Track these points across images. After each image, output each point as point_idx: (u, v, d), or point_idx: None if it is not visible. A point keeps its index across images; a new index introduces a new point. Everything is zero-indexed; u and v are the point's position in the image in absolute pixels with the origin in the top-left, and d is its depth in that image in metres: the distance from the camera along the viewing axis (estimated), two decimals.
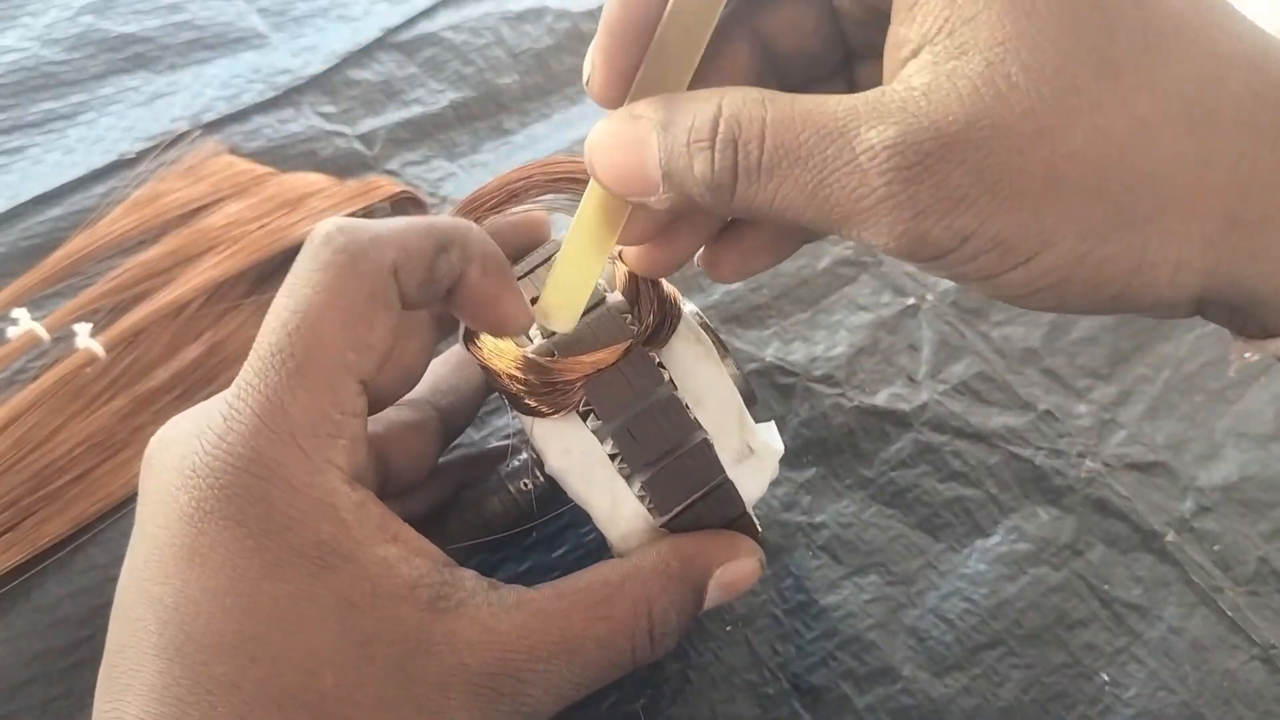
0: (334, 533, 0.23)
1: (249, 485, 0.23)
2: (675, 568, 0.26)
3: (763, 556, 0.28)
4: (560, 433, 0.28)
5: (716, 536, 0.27)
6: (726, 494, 0.27)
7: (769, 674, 0.33)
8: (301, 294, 0.24)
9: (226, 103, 0.48)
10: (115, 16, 0.51)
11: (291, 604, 0.22)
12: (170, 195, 0.42)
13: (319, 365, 0.23)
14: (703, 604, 0.27)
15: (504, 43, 0.52)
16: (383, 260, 0.24)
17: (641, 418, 0.27)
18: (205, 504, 0.23)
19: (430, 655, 0.23)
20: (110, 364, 0.37)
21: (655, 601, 0.26)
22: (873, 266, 0.45)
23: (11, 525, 0.34)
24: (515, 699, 0.24)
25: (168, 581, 0.23)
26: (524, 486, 0.30)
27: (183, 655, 0.22)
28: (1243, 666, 0.34)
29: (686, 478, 0.27)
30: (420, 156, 0.47)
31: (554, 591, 0.25)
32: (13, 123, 0.46)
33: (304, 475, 0.23)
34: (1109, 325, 0.44)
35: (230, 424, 0.23)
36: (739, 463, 0.28)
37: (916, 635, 0.34)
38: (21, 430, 0.35)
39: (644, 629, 0.25)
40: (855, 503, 0.37)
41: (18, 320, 0.38)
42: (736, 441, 0.28)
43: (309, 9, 0.53)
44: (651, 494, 0.27)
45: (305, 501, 0.23)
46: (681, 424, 0.27)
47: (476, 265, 0.26)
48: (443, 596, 0.24)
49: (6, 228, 0.42)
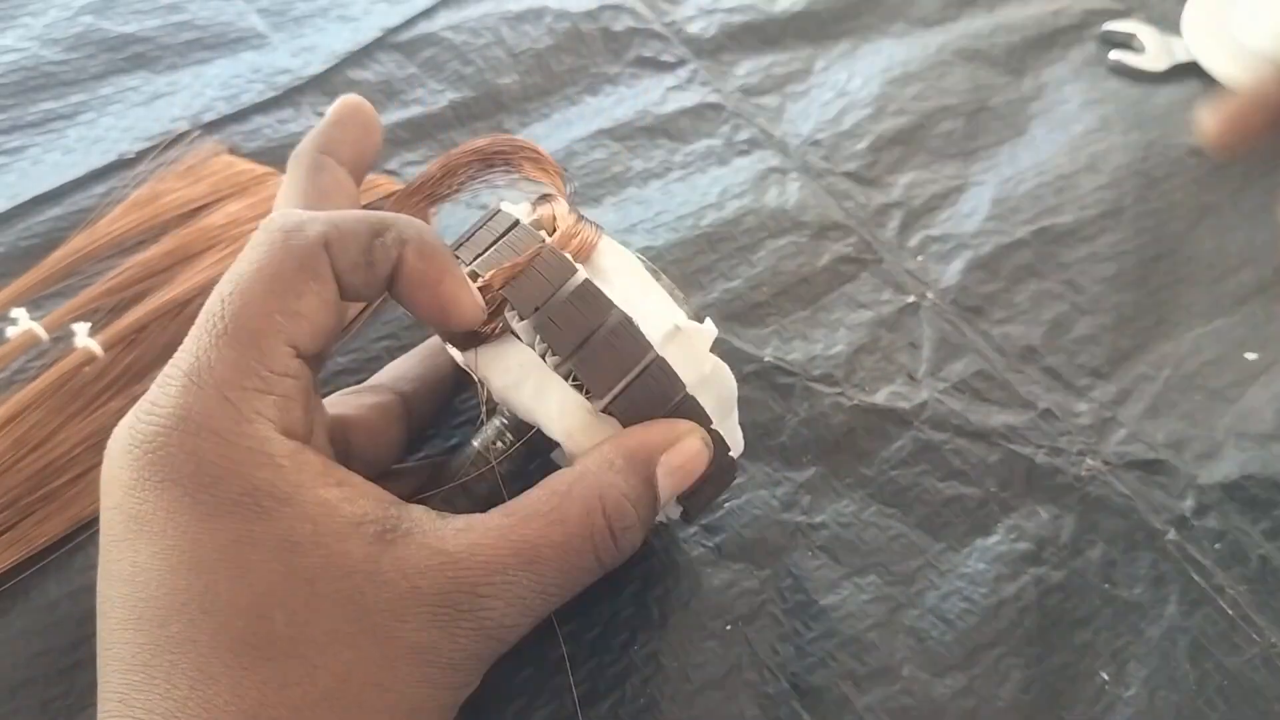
0: (269, 477, 0.23)
1: (179, 442, 0.23)
2: (620, 463, 0.26)
3: (706, 436, 0.28)
4: (498, 354, 0.28)
5: (656, 424, 0.28)
6: (662, 370, 0.28)
7: (769, 674, 0.33)
8: (239, 269, 0.25)
9: (226, 103, 0.48)
10: (115, 16, 0.51)
11: (234, 551, 0.23)
12: (170, 195, 0.42)
13: (245, 325, 0.24)
14: (658, 494, 0.27)
15: (504, 43, 0.52)
16: (313, 233, 0.25)
17: (560, 305, 0.27)
18: (143, 471, 0.23)
19: (381, 584, 0.23)
20: (109, 364, 0.37)
21: (606, 498, 0.26)
22: (873, 264, 0.45)
23: (10, 525, 0.34)
24: (475, 615, 0.24)
25: (122, 556, 0.23)
26: (494, 445, 0.31)
27: (142, 622, 0.23)
28: (1244, 665, 0.34)
29: (614, 356, 0.27)
30: (420, 156, 0.47)
31: (503, 510, 0.26)
32: (12, 123, 0.46)
33: (232, 425, 0.23)
34: (1109, 324, 0.44)
35: (161, 389, 0.24)
36: (669, 340, 0.28)
37: (916, 635, 0.34)
38: (20, 430, 0.35)
39: (601, 527, 0.26)
40: (855, 502, 0.37)
41: (16, 320, 0.38)
42: (661, 320, 0.28)
43: (309, 9, 0.53)
44: (584, 377, 0.27)
45: (236, 450, 0.23)
46: (599, 304, 0.27)
47: (412, 248, 0.26)
48: (390, 529, 0.24)
49: (6, 228, 0.42)
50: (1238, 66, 0.53)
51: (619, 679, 0.32)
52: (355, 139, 0.34)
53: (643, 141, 0.49)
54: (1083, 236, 0.47)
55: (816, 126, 0.50)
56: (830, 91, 0.52)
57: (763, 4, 0.56)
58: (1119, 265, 0.46)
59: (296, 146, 0.34)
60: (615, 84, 0.52)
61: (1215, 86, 0.53)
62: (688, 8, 0.55)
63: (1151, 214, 0.48)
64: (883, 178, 0.49)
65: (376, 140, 0.35)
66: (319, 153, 0.33)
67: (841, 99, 0.52)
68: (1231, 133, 0.30)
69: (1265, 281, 0.46)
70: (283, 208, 0.31)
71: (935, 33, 0.56)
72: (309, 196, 0.32)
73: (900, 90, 0.52)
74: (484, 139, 0.32)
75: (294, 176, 0.33)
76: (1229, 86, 0.53)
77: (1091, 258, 0.46)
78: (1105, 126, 0.51)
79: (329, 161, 0.33)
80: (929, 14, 0.57)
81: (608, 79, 0.52)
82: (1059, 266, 0.45)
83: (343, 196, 0.33)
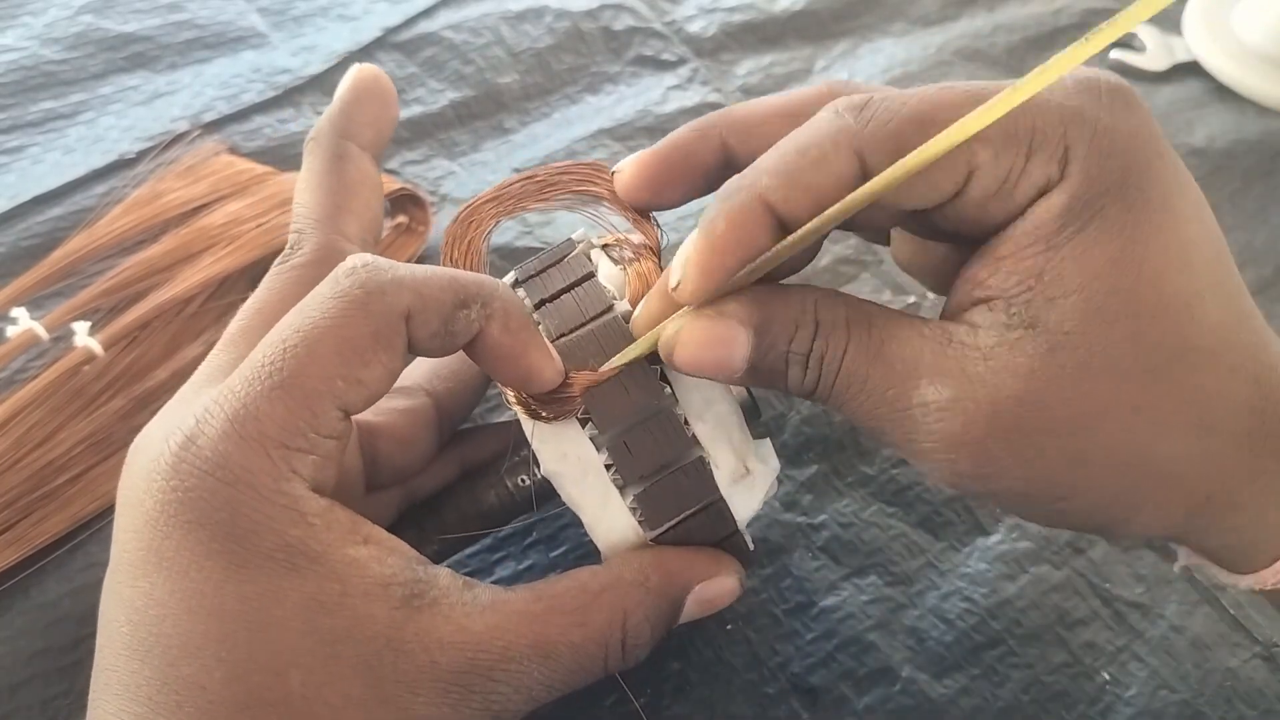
0: (301, 536, 0.23)
1: (213, 489, 0.23)
2: (654, 582, 0.26)
3: (744, 576, 0.28)
4: (558, 437, 0.27)
5: (700, 553, 0.27)
6: (719, 513, 0.27)
7: (769, 674, 0.33)
8: (309, 316, 0.24)
9: (226, 102, 0.48)
10: (115, 16, 0.51)
11: (258, 605, 0.22)
12: (170, 195, 0.42)
13: (303, 384, 0.23)
14: (678, 618, 0.27)
15: (504, 42, 0.52)
16: (397, 303, 0.24)
17: (638, 431, 0.26)
18: (169, 508, 0.23)
19: (401, 653, 0.23)
20: (109, 363, 0.37)
21: (631, 614, 0.26)
22: (873, 265, 0.45)
23: (10, 524, 0.34)
24: (485, 697, 0.24)
25: (136, 585, 0.23)
26: (521, 482, 0.30)
27: (151, 656, 0.22)
28: (1244, 665, 0.34)
29: (679, 494, 0.27)
30: (420, 155, 0.47)
31: (531, 594, 0.25)
32: (12, 122, 0.46)
33: (270, 481, 0.23)
34: None
35: (201, 426, 0.23)
36: (735, 482, 0.28)
37: (916, 635, 0.34)
38: (20, 429, 0.35)
39: (617, 639, 0.26)
40: (856, 501, 0.37)
41: (16, 320, 0.38)
42: (733, 460, 0.28)
43: (309, 8, 0.53)
44: (643, 508, 0.27)
45: (271, 506, 0.23)
46: (678, 440, 0.27)
47: (498, 323, 0.25)
48: (416, 595, 0.24)
49: (6, 228, 0.42)
50: (1238, 66, 0.53)
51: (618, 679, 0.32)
52: (375, 117, 0.32)
53: (643, 141, 0.49)
54: None
55: None
56: None
57: (763, 3, 0.56)
58: None
59: (315, 128, 0.32)
60: (616, 83, 0.52)
61: (1215, 86, 0.53)
62: (688, 7, 0.55)
63: None
64: None
65: (395, 115, 0.33)
66: (341, 138, 0.31)
67: None
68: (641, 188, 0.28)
69: (1265, 281, 0.46)
70: (306, 203, 0.30)
71: (935, 32, 0.56)
72: (335, 193, 0.30)
73: None
74: (573, 163, 0.30)
75: (315, 166, 0.31)
76: (1229, 86, 0.53)
77: None
78: None
79: (352, 149, 0.31)
80: (929, 14, 0.57)
81: (608, 78, 0.52)
82: None
83: (370, 190, 0.31)
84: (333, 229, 0.29)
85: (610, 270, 0.29)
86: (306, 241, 0.29)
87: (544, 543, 0.35)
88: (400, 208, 0.44)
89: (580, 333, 0.27)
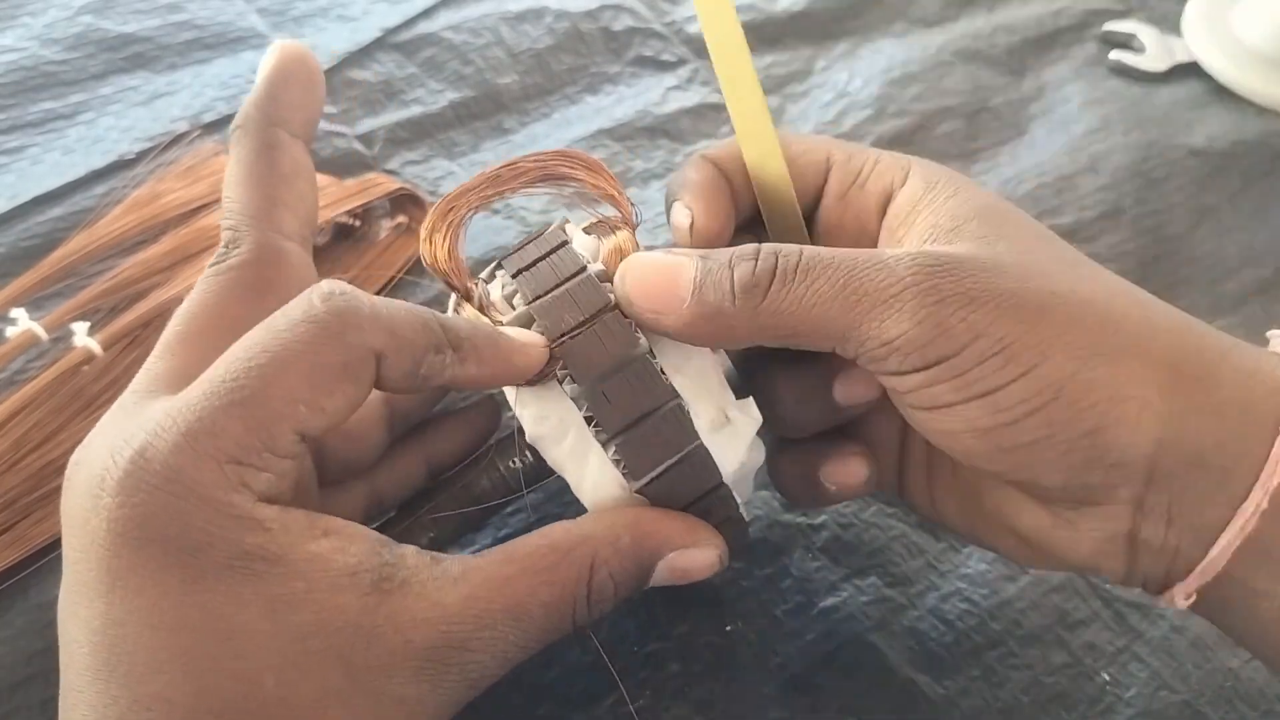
0: (259, 542, 0.23)
1: (164, 503, 0.22)
2: (626, 542, 0.26)
3: (724, 550, 0.27)
4: (538, 398, 0.28)
5: (678, 518, 0.27)
6: (701, 461, 0.27)
7: (769, 674, 0.33)
8: (279, 336, 0.23)
9: (226, 103, 0.48)
10: (114, 16, 0.51)
11: (220, 614, 0.22)
12: (169, 195, 0.42)
13: (266, 404, 0.23)
14: (647, 581, 0.27)
15: (503, 43, 0.52)
16: (371, 339, 0.24)
17: (615, 380, 0.27)
18: (118, 524, 0.22)
19: (374, 638, 0.23)
20: (109, 363, 0.37)
21: (597, 570, 0.25)
22: None
23: (10, 524, 0.34)
24: (463, 669, 0.24)
25: (93, 605, 0.22)
26: (513, 464, 0.30)
27: (116, 675, 0.22)
28: (1245, 665, 0.34)
29: (660, 442, 0.27)
30: (420, 156, 0.47)
31: (502, 556, 0.25)
32: (12, 122, 0.46)
33: (222, 494, 0.22)
34: None
35: (152, 440, 0.22)
36: (715, 431, 0.28)
37: (916, 636, 0.34)
38: (20, 429, 0.35)
39: (583, 595, 0.25)
40: (856, 502, 0.37)
41: (16, 320, 0.38)
42: (713, 409, 0.28)
43: (308, 9, 0.53)
44: (625, 459, 0.27)
45: (224, 518, 0.22)
46: (655, 388, 0.27)
47: (472, 364, 0.26)
48: (385, 578, 0.24)
49: (6, 228, 0.42)
50: (1238, 66, 0.53)
51: (618, 679, 0.32)
52: (303, 101, 0.31)
53: (643, 141, 0.49)
54: (1083, 237, 0.47)
55: (816, 128, 0.50)
56: (830, 92, 0.52)
57: (763, 4, 0.56)
58: (1119, 266, 0.46)
59: (240, 115, 0.30)
60: (615, 83, 0.52)
61: (1215, 87, 0.53)
62: (687, 7, 0.55)
63: (1151, 215, 0.48)
64: None
65: (323, 96, 0.32)
66: (270, 125, 0.30)
67: (842, 100, 0.52)
68: None
69: (1265, 282, 0.46)
70: (238, 198, 0.29)
71: (935, 33, 0.56)
72: (268, 185, 0.29)
73: (900, 91, 0.52)
74: (551, 150, 0.30)
75: (245, 157, 0.29)
76: (1229, 87, 0.53)
77: (1092, 258, 0.46)
78: (1105, 127, 0.51)
79: (282, 136, 0.30)
80: (929, 14, 0.57)
81: (608, 78, 0.52)
82: None
83: (304, 180, 0.30)
84: (269, 225, 0.28)
85: (586, 241, 0.30)
86: (243, 240, 0.28)
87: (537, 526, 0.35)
88: (400, 208, 0.44)
89: (555, 293, 0.27)
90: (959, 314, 0.23)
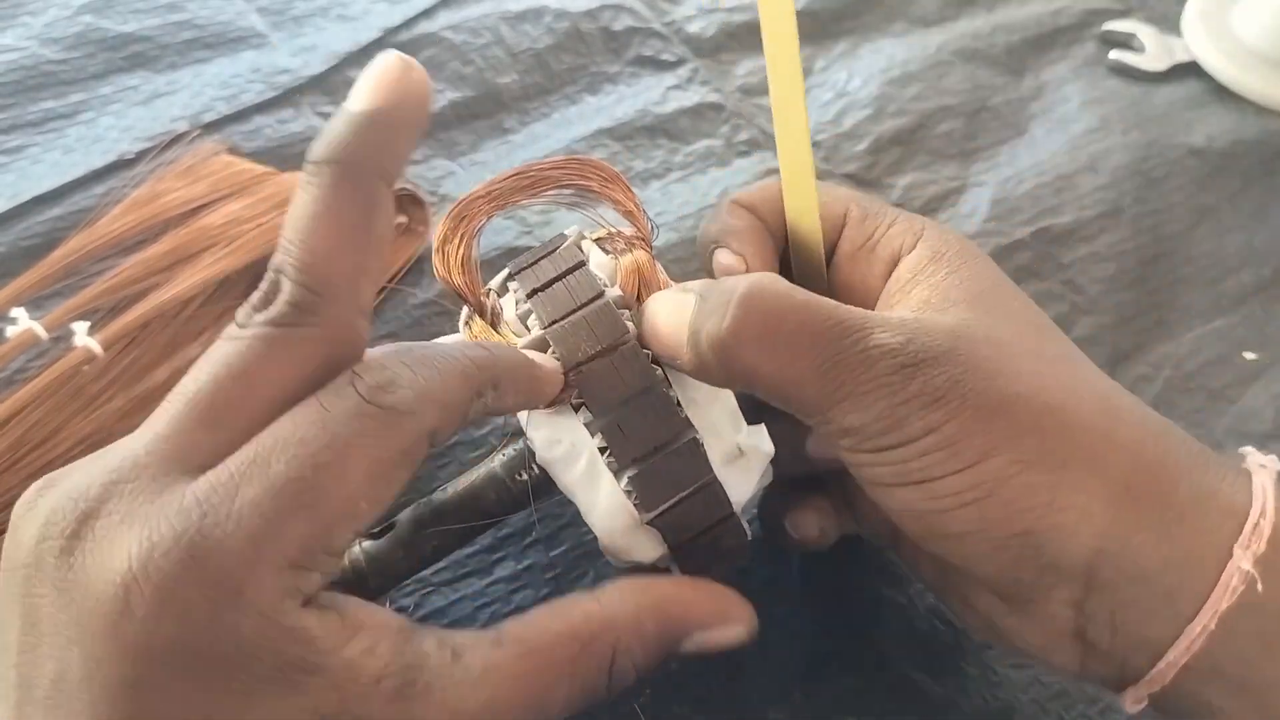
0: (301, 652, 0.22)
1: (217, 615, 0.21)
2: (650, 629, 0.25)
3: (753, 622, 0.27)
4: (551, 423, 0.28)
5: (705, 592, 0.27)
6: (713, 494, 0.27)
7: (769, 673, 0.33)
8: (337, 433, 0.22)
9: (226, 102, 0.48)
10: (114, 16, 0.51)
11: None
12: (169, 195, 0.42)
13: (331, 506, 0.22)
14: (666, 658, 0.26)
15: (504, 43, 0.52)
16: (425, 425, 0.23)
17: (631, 412, 0.26)
18: (155, 624, 0.20)
19: None
20: (109, 363, 0.37)
21: (619, 659, 0.25)
22: None
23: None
24: None
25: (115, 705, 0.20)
26: (519, 477, 0.30)
27: None
28: None
29: (673, 475, 0.27)
30: (420, 155, 0.47)
31: (521, 649, 0.24)
32: (12, 122, 0.46)
33: (275, 602, 0.21)
34: (1109, 324, 0.44)
35: (204, 539, 0.21)
36: (728, 464, 0.28)
37: (916, 636, 0.34)
38: (21, 429, 0.35)
39: (604, 682, 0.25)
40: None
41: (16, 320, 0.38)
42: (727, 442, 0.28)
43: (309, 8, 0.53)
44: (638, 490, 0.27)
45: (275, 629, 0.21)
46: (671, 421, 0.27)
47: (509, 396, 0.26)
48: (408, 683, 0.23)
49: (6, 228, 0.42)
50: (1237, 66, 0.53)
51: None
52: (410, 145, 0.26)
53: (643, 141, 0.49)
54: (1082, 237, 0.47)
55: (816, 128, 0.50)
56: (830, 92, 0.52)
57: None
58: (1118, 265, 0.46)
59: (337, 145, 0.25)
60: (615, 83, 0.52)
61: (1215, 86, 0.53)
62: (687, 7, 0.55)
63: (1151, 214, 0.48)
64: (882, 179, 0.49)
65: (425, 126, 0.27)
66: (375, 178, 0.25)
67: (841, 99, 0.52)
68: None
69: (1265, 281, 0.46)
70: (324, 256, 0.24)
71: (935, 33, 0.56)
72: (360, 248, 0.25)
73: (900, 91, 0.52)
74: (569, 158, 0.30)
75: (339, 207, 0.24)
76: (1228, 86, 0.53)
77: (1091, 258, 0.46)
78: (1105, 126, 0.51)
79: (384, 193, 0.25)
80: (929, 14, 0.57)
81: (608, 78, 0.52)
82: (1059, 267, 0.45)
83: (387, 245, 0.26)
84: (353, 303, 0.24)
85: (602, 260, 0.30)
86: (319, 311, 0.24)
87: (544, 542, 0.35)
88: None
89: (572, 319, 0.27)
90: (918, 414, 0.24)
